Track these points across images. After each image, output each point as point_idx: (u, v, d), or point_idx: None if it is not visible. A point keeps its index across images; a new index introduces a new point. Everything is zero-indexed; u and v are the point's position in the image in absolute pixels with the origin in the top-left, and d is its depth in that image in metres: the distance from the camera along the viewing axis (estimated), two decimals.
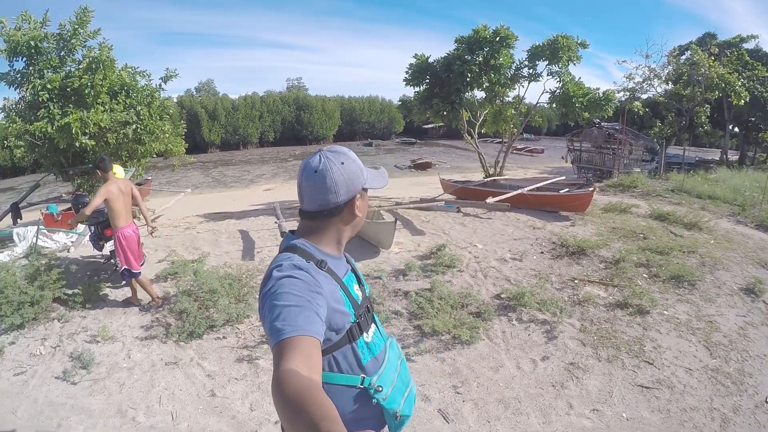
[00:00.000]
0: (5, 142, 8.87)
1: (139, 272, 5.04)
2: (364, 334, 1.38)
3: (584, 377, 3.85)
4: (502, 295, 5.27)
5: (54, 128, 6.92)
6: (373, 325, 1.47)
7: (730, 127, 25.28)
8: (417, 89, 13.04)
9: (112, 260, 5.75)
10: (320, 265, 1.30)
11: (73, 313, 4.98)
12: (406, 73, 12.71)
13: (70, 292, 5.13)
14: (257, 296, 5.25)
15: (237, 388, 3.76)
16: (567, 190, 10.18)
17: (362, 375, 1.34)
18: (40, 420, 3.45)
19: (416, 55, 12.62)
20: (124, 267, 4.92)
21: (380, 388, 1.34)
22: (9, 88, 7.69)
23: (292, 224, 7.85)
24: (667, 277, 5.74)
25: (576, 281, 5.71)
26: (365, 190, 1.41)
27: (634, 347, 4.30)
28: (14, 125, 7.10)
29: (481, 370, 3.94)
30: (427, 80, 12.55)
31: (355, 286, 1.44)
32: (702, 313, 5.00)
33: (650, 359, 4.12)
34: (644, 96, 21.37)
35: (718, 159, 24.28)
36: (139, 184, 14.48)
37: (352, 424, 1.28)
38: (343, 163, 1.33)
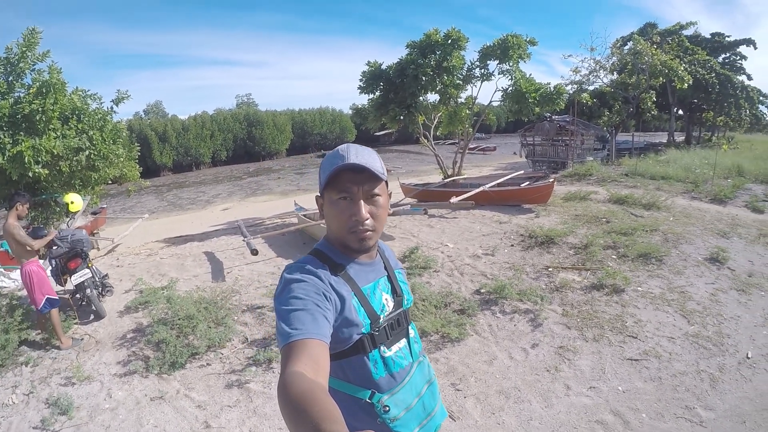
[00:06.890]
0: None
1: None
2: (382, 348, 1.29)
3: (575, 358, 3.93)
4: (482, 290, 5.33)
5: (5, 158, 6.52)
6: (403, 340, 1.38)
7: (675, 110, 26.54)
8: (371, 96, 13.06)
9: (77, 295, 5.48)
10: (335, 269, 1.25)
11: (43, 356, 4.70)
12: (360, 80, 12.72)
13: (35, 333, 4.85)
14: (235, 318, 4.96)
15: (232, 415, 3.62)
16: (527, 183, 10.43)
17: (373, 390, 1.25)
18: None
19: (369, 62, 12.66)
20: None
21: (387, 408, 1.25)
22: None
23: (259, 241, 7.69)
24: (635, 255, 5.96)
25: (550, 269, 5.84)
26: (321, 196, 1.28)
27: (616, 324, 4.43)
28: None
29: (475, 365, 3.96)
30: (381, 87, 12.58)
31: (385, 296, 1.35)
32: (673, 285, 5.22)
33: (634, 333, 4.27)
34: (591, 87, 22.13)
35: (665, 141, 25.47)
36: (94, 213, 13.87)
37: None
38: (324, 155, 1.28)
